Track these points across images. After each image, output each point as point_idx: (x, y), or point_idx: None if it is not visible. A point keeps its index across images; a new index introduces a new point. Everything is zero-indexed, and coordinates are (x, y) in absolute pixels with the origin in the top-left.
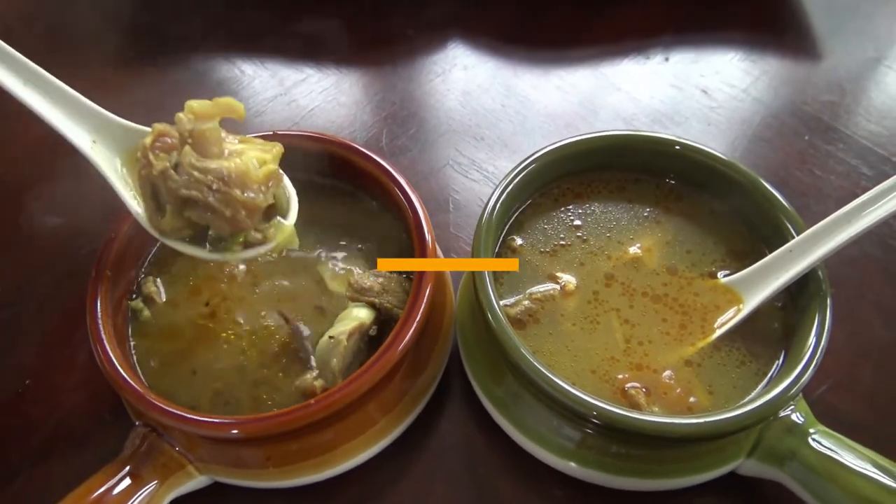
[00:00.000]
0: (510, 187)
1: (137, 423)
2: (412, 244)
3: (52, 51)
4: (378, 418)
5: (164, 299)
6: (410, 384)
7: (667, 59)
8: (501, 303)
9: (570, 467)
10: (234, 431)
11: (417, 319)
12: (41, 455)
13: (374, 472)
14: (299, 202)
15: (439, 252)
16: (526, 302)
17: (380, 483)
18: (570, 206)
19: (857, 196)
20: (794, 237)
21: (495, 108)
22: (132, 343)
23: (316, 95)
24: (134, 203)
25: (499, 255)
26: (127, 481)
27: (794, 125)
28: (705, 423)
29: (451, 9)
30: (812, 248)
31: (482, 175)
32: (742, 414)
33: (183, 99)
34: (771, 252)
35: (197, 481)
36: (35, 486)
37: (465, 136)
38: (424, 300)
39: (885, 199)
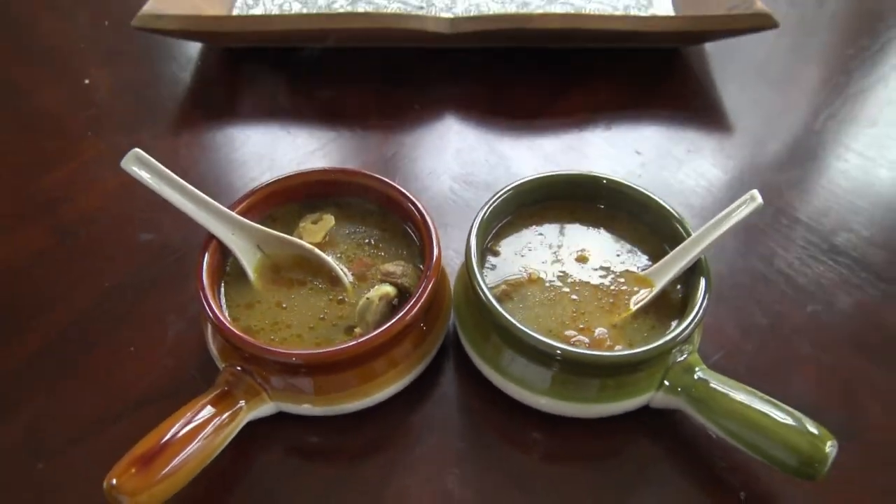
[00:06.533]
0: (493, 206)
1: (223, 365)
2: (424, 247)
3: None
4: (398, 362)
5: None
6: (420, 340)
7: (609, 128)
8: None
9: (539, 402)
10: (294, 360)
11: (427, 292)
12: (142, 402)
13: (390, 411)
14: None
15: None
16: (503, 285)
17: (395, 418)
18: (536, 224)
19: None
20: (686, 238)
21: (481, 162)
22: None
23: (346, 150)
24: (252, 274)
25: (483, 254)
26: (222, 399)
27: (700, 173)
28: (625, 354)
29: (447, 89)
30: (698, 244)
31: (470, 207)
32: (648, 349)
33: (225, 155)
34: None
35: (268, 407)
36: (139, 423)
37: (458, 180)
38: (432, 280)
39: (743, 207)
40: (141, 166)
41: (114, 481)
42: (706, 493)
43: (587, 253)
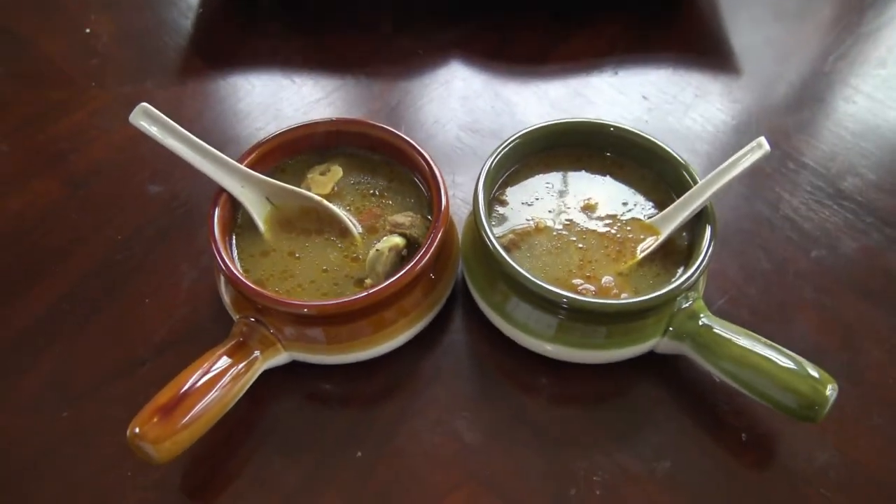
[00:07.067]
0: (499, 156)
1: (237, 316)
2: (432, 197)
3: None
4: (409, 311)
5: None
6: (430, 289)
7: (616, 73)
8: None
9: (546, 349)
10: (307, 311)
11: (436, 243)
12: (161, 348)
13: (401, 358)
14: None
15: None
16: (510, 235)
17: (405, 365)
18: (543, 172)
19: None
20: (693, 186)
21: (486, 109)
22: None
23: (351, 99)
24: (262, 226)
25: (491, 204)
26: (237, 350)
27: (706, 118)
28: (630, 301)
29: (451, 35)
30: (704, 192)
31: (477, 155)
32: (654, 296)
33: (230, 105)
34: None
35: (282, 357)
36: (159, 369)
37: (464, 128)
38: (440, 231)
39: (750, 154)
40: (149, 121)
41: (137, 430)
42: (709, 434)
43: (594, 201)
